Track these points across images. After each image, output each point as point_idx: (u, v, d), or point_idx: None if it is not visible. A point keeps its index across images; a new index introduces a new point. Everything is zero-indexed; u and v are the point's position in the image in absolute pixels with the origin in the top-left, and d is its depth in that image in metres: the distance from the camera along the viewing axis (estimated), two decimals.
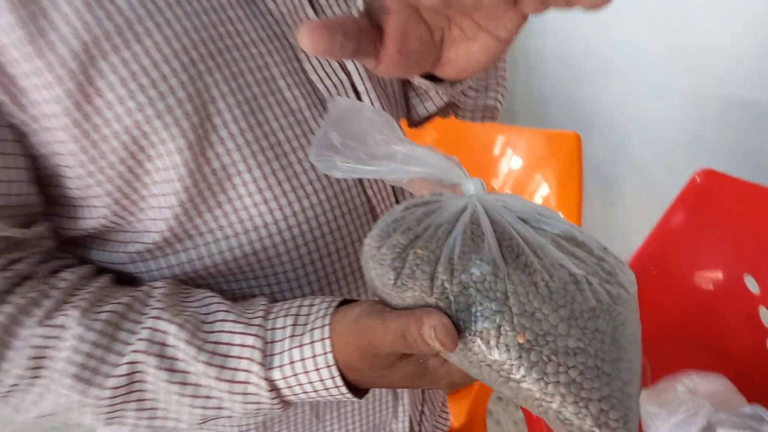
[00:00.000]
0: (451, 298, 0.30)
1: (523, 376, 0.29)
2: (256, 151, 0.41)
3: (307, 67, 0.44)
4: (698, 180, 0.95)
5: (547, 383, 0.29)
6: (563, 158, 1.13)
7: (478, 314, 0.30)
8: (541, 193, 1.13)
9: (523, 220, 0.32)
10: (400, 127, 0.40)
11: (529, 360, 0.29)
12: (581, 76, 1.72)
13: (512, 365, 0.29)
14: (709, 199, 0.92)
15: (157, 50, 0.37)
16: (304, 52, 0.42)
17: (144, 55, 0.37)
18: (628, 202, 1.02)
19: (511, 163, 1.19)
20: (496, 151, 1.22)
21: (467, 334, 0.30)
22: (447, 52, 0.34)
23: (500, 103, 0.57)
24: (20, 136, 0.39)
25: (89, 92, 0.37)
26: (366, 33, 0.30)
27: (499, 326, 0.29)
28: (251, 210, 0.42)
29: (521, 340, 0.29)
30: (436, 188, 0.35)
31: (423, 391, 0.57)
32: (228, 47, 0.40)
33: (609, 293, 0.30)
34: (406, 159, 0.33)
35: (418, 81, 0.42)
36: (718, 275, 0.87)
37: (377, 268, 0.33)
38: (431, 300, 0.31)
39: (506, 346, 0.29)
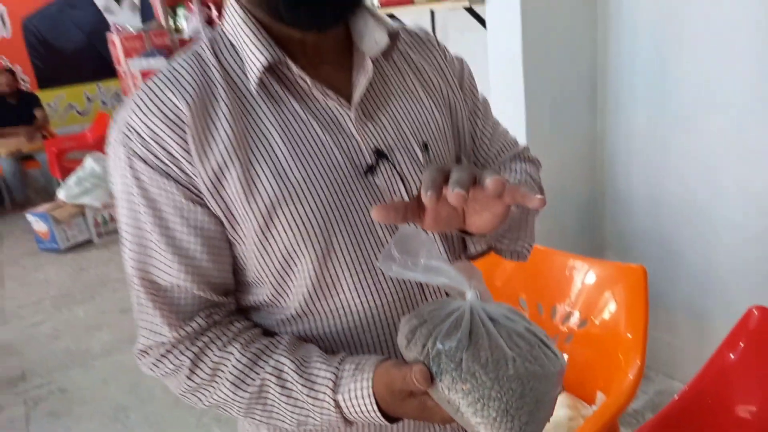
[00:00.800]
0: (431, 358, 0.51)
1: (465, 410, 0.50)
2: (356, 266, 0.66)
3: None
4: (754, 315, 1.01)
5: (477, 415, 0.50)
6: (630, 287, 1.22)
7: (443, 370, 0.50)
8: (610, 310, 1.22)
9: (493, 320, 0.53)
10: (440, 250, 0.67)
11: (467, 400, 0.50)
12: (669, 213, 1.81)
13: (460, 403, 0.50)
14: (764, 334, 0.97)
15: (309, 209, 0.63)
16: None
17: (301, 210, 0.63)
18: (720, 335, 1.08)
19: (583, 288, 1.30)
20: (573, 275, 1.34)
21: (437, 381, 0.51)
22: (468, 220, 0.59)
23: (527, 250, 0.77)
24: (230, 245, 0.67)
25: (269, 227, 0.63)
26: (412, 208, 0.56)
27: (453, 378, 0.50)
28: (349, 300, 0.67)
29: (465, 388, 0.49)
30: (453, 291, 0.56)
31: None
32: (347, 209, 0.65)
33: (526, 368, 0.50)
34: (436, 270, 0.54)
35: (458, 234, 0.65)
36: None
37: (400, 337, 0.55)
38: (420, 358, 0.52)
39: (456, 390, 0.50)
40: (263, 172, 0.62)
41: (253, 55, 0.63)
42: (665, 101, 1.70)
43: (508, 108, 1.78)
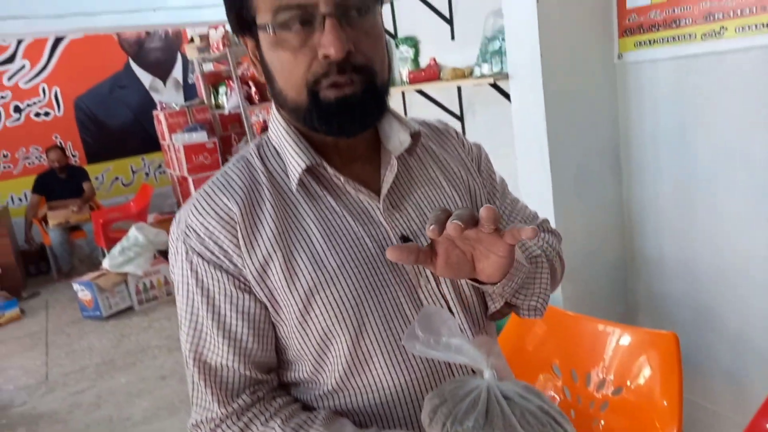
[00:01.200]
0: None
1: None
2: (386, 344, 0.73)
3: (422, 296, 0.75)
4: None
5: None
6: (663, 354, 1.24)
7: None
8: (644, 377, 1.23)
9: (507, 398, 0.57)
10: (462, 320, 0.76)
11: None
12: (700, 276, 1.81)
13: None
14: None
15: (343, 292, 0.71)
16: (422, 290, 0.74)
17: (336, 294, 0.71)
18: (759, 399, 1.07)
19: (616, 354, 1.32)
20: (606, 341, 1.36)
21: None
22: (477, 265, 0.66)
23: (542, 305, 0.82)
24: (274, 327, 0.75)
25: (307, 310, 0.71)
26: (425, 252, 0.65)
27: None
28: (381, 377, 0.74)
29: None
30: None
31: None
32: (378, 290, 0.72)
33: None
34: (457, 349, 0.60)
35: (473, 284, 0.73)
36: None
37: (424, 415, 0.60)
38: None
39: None
40: (302, 261, 0.71)
41: (294, 159, 0.73)
42: (689, 164, 1.75)
43: (534, 176, 1.85)
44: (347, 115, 0.68)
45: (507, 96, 2.08)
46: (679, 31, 1.64)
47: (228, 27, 4.67)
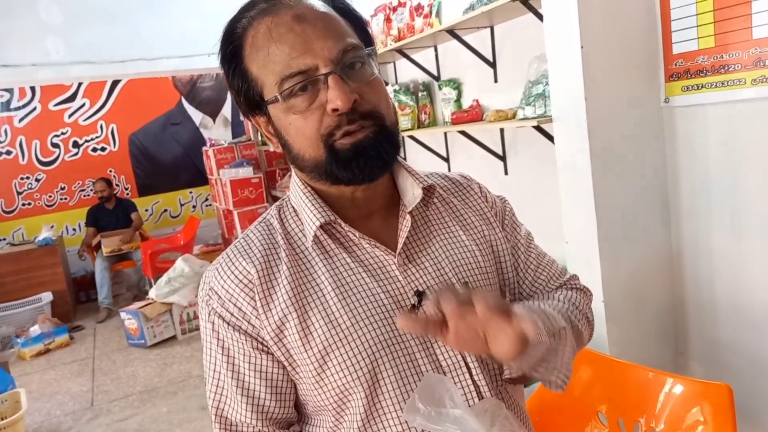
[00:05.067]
0: None
1: None
2: (401, 399, 0.73)
3: (438, 352, 0.75)
4: None
5: None
6: (716, 406, 1.20)
7: None
8: (696, 427, 1.19)
9: None
10: (478, 385, 0.75)
11: None
12: (755, 324, 1.75)
13: None
14: None
15: (358, 349, 0.72)
16: (438, 345, 0.75)
17: (350, 352, 0.72)
18: None
19: (666, 404, 1.28)
20: (655, 390, 1.33)
21: None
22: (490, 345, 0.64)
23: (563, 381, 0.77)
24: (293, 384, 0.77)
25: (323, 368, 0.73)
26: (436, 324, 0.63)
27: None
28: (395, 426, 0.73)
29: None
30: None
31: None
32: (392, 347, 0.73)
33: None
34: (459, 421, 0.60)
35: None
36: None
37: None
38: None
39: None
40: (317, 320, 0.73)
41: (309, 217, 0.76)
42: (740, 211, 1.72)
43: (579, 220, 1.84)
44: (365, 159, 0.71)
45: (550, 137, 2.09)
46: (728, 77, 1.64)
47: None
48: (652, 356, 1.90)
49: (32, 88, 5.89)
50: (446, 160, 2.97)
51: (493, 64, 2.50)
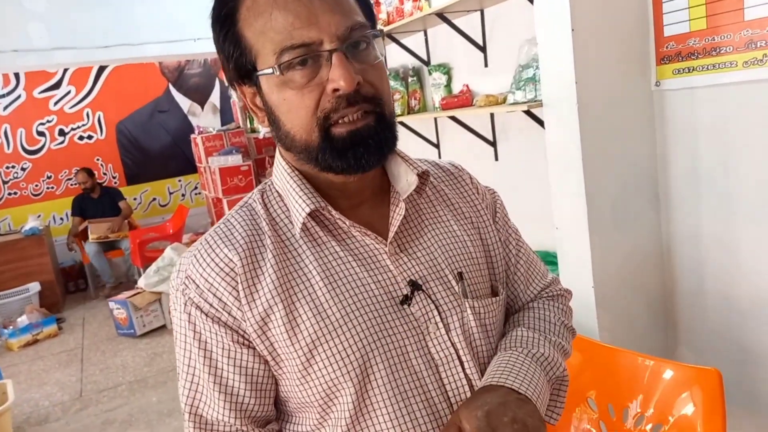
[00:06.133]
0: None
1: None
2: (392, 396, 0.69)
3: (431, 344, 0.72)
4: None
5: None
6: (706, 391, 1.19)
7: None
8: (685, 414, 1.18)
9: None
10: (471, 378, 0.72)
11: None
12: (744, 310, 1.75)
13: None
14: None
15: (347, 342, 0.68)
16: (431, 337, 0.71)
17: (340, 346, 0.67)
18: None
19: (655, 389, 1.28)
20: (645, 375, 1.32)
21: None
22: None
23: (554, 420, 0.80)
24: (274, 381, 0.72)
25: (311, 362, 0.68)
26: None
27: None
28: (384, 423, 0.69)
29: None
30: None
31: None
32: (384, 339, 0.69)
33: None
34: None
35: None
36: None
37: None
38: None
39: None
40: (305, 312, 0.68)
41: (297, 204, 0.71)
42: (731, 196, 1.71)
43: (569, 206, 1.83)
44: (362, 149, 0.66)
45: (541, 122, 2.07)
46: (720, 59, 1.62)
47: None
48: (641, 342, 1.90)
49: (17, 76, 5.79)
50: (436, 146, 2.95)
51: (483, 49, 2.47)
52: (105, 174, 6.24)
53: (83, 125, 6.15)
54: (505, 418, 0.62)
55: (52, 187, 6.06)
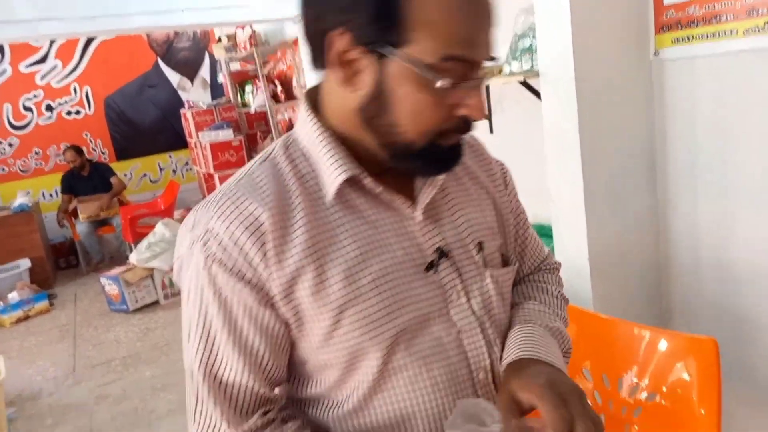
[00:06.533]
0: None
1: None
2: (414, 356, 0.70)
3: (452, 312, 0.72)
4: None
5: None
6: (702, 360, 1.19)
7: None
8: (680, 383, 1.19)
9: None
10: (493, 343, 0.74)
11: None
12: (739, 282, 1.76)
13: None
14: None
15: (375, 308, 0.67)
16: (452, 306, 0.72)
17: (369, 308, 0.67)
18: None
19: (651, 359, 1.28)
20: (640, 345, 1.32)
21: None
22: None
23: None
24: (291, 344, 0.71)
25: (337, 327, 0.67)
26: None
27: None
28: (404, 394, 0.70)
29: None
30: None
31: None
32: (409, 307, 0.69)
33: None
34: None
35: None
36: None
37: None
38: None
39: None
40: (335, 274, 0.66)
41: (331, 168, 0.68)
42: (729, 167, 1.70)
43: (565, 177, 1.81)
44: (453, 162, 0.69)
45: (537, 93, 2.04)
46: (720, 27, 1.59)
47: (255, 27, 4.72)
48: (636, 313, 1.91)
49: (1, 50, 5.65)
50: None
51: None
52: (94, 150, 6.15)
53: (71, 100, 6.04)
54: (563, 387, 0.63)
55: (41, 164, 5.97)
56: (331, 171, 0.68)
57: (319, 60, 0.66)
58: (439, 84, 0.60)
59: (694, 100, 1.72)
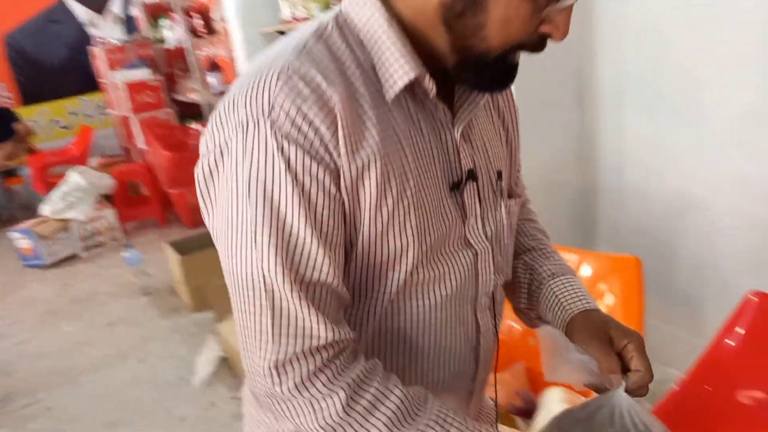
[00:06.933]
0: None
1: None
2: (431, 273, 0.68)
3: (468, 234, 0.71)
4: (752, 301, 0.99)
5: None
6: (626, 278, 1.20)
7: None
8: (605, 301, 1.20)
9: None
10: (497, 268, 0.75)
11: None
12: (663, 204, 1.80)
13: None
14: (763, 319, 0.95)
15: (417, 220, 0.64)
16: (468, 228, 0.71)
17: (412, 220, 0.63)
18: (717, 322, 1.07)
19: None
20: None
21: None
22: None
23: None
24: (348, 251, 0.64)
25: (387, 230, 0.63)
26: None
27: None
28: (418, 301, 0.68)
29: None
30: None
31: None
32: (437, 220, 0.66)
33: None
34: (582, 364, 0.69)
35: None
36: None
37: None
38: None
39: None
40: (393, 178, 0.61)
41: (398, 63, 0.61)
42: (656, 98, 1.70)
43: None
44: (509, 81, 0.65)
45: None
46: None
47: None
48: (563, 239, 1.93)
49: None
50: None
51: None
52: None
53: None
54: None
55: None
56: (398, 66, 0.61)
57: None
58: None
59: (625, 24, 1.70)
